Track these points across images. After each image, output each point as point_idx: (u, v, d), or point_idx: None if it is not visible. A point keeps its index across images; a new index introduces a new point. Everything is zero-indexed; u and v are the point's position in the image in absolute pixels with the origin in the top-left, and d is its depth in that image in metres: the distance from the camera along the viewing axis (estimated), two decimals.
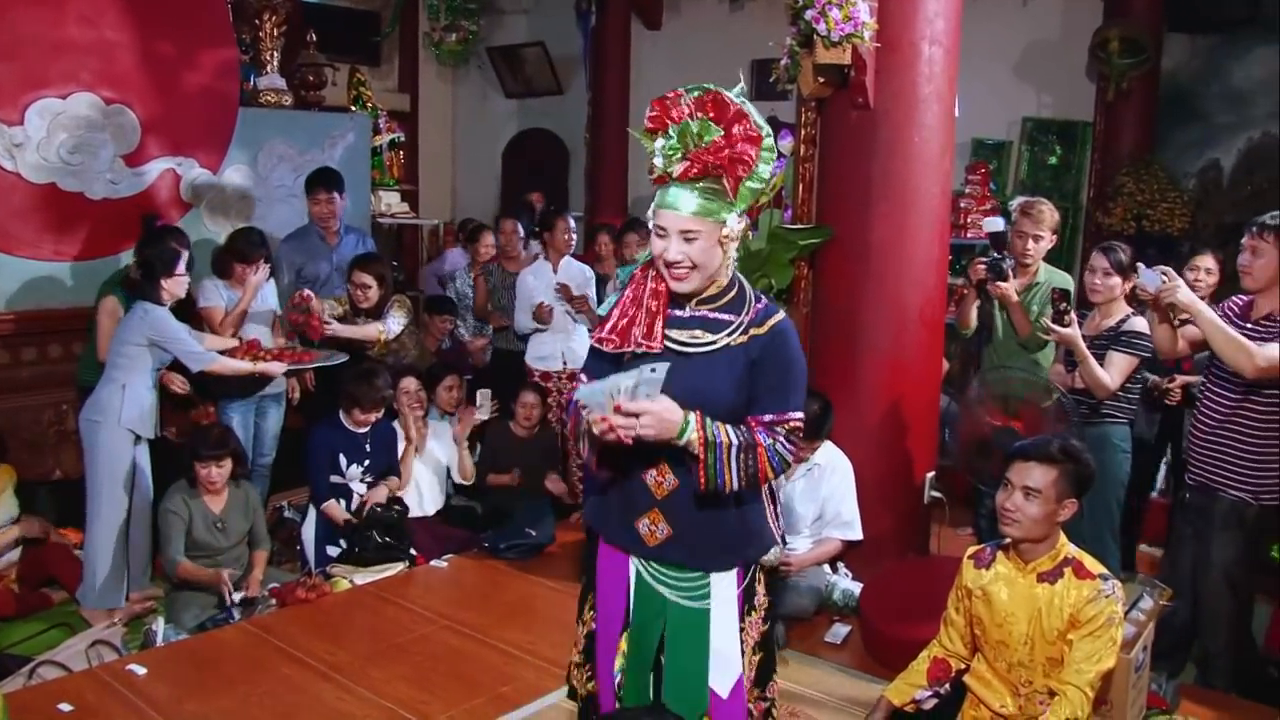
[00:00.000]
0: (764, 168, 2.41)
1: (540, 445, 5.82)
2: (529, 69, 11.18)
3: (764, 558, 2.60)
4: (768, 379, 2.47)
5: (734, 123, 2.41)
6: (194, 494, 4.67)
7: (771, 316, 2.51)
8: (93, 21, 5.74)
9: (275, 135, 6.61)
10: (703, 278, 2.47)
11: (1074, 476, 2.89)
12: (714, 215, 2.43)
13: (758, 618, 2.59)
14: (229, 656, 4.04)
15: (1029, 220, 4.57)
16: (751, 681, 2.58)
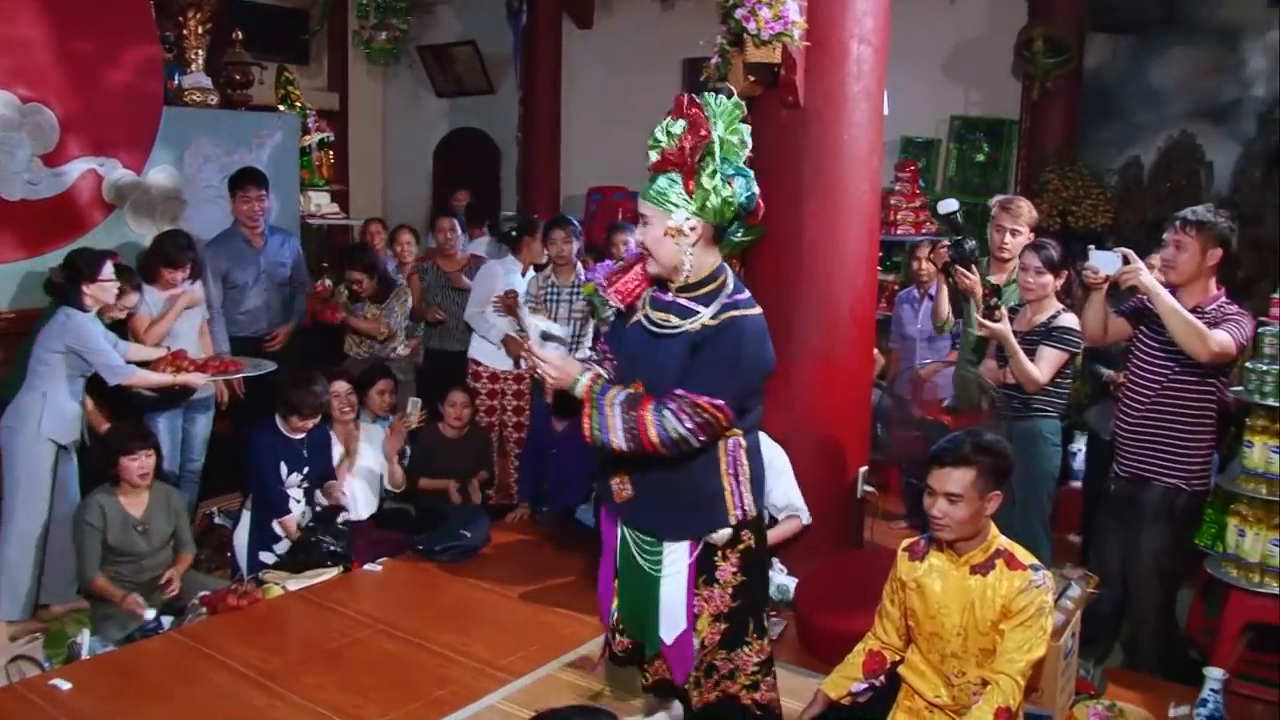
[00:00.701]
0: (704, 176, 2.63)
1: (471, 446, 5.78)
2: (460, 68, 11.11)
3: (712, 537, 2.79)
4: (698, 362, 2.68)
5: (694, 129, 2.64)
6: (113, 499, 4.56)
7: (731, 311, 2.71)
8: (7, 17, 5.59)
9: (201, 135, 6.50)
10: (660, 265, 2.73)
11: (992, 470, 2.91)
12: (662, 205, 2.68)
13: (721, 592, 2.83)
14: (158, 667, 3.96)
15: (1007, 215, 4.64)
16: (715, 644, 2.86)
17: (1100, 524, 4.14)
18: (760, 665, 2.93)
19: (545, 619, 4.38)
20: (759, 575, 2.92)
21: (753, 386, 2.79)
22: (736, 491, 2.80)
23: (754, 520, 2.87)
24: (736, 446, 2.80)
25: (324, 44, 11.18)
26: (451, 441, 5.72)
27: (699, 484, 2.77)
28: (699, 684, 2.91)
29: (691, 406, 2.61)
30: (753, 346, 2.73)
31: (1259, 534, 3.77)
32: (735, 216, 2.75)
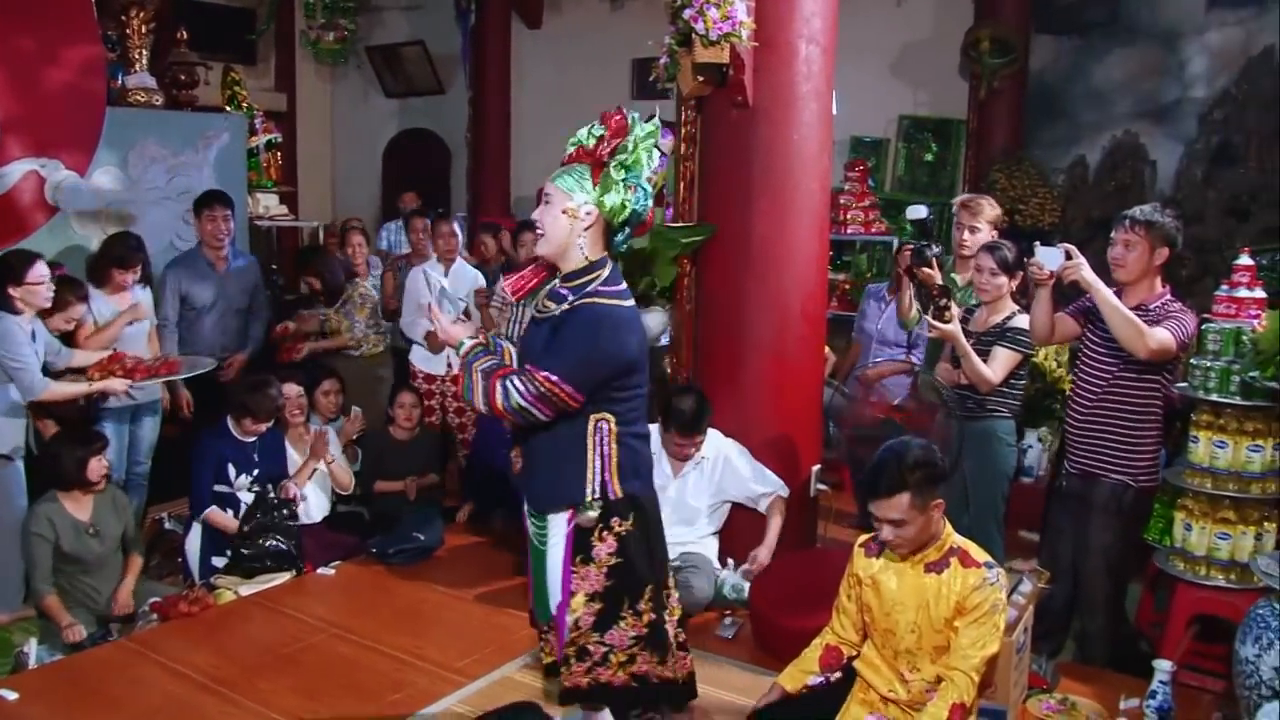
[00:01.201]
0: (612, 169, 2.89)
1: (421, 447, 5.76)
2: (409, 68, 11.06)
3: (580, 519, 2.93)
4: (549, 342, 2.91)
5: (616, 130, 2.90)
6: (59, 507, 4.48)
7: (591, 298, 2.89)
8: None
9: (146, 136, 6.41)
10: (550, 245, 2.94)
11: (926, 482, 2.94)
12: (565, 187, 2.91)
13: (593, 570, 2.94)
14: (109, 675, 3.91)
15: (967, 212, 4.68)
16: (589, 626, 2.96)
17: (1051, 520, 4.20)
18: (636, 639, 3.00)
19: (500, 620, 4.38)
20: (638, 559, 2.99)
21: (603, 371, 2.89)
22: (600, 470, 2.93)
23: (623, 503, 2.96)
24: (604, 429, 2.93)
25: (271, 44, 11.09)
26: (402, 443, 5.70)
27: (565, 457, 2.94)
28: (569, 663, 3.02)
29: (530, 379, 2.83)
30: (602, 333, 2.87)
31: (1204, 528, 3.84)
32: (627, 221, 2.95)
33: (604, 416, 2.93)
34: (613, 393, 2.93)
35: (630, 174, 2.91)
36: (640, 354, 2.98)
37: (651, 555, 3.03)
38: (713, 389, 4.56)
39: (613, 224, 2.95)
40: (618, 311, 2.92)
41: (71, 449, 4.54)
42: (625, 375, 2.94)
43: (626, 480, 2.97)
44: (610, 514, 2.95)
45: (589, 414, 2.91)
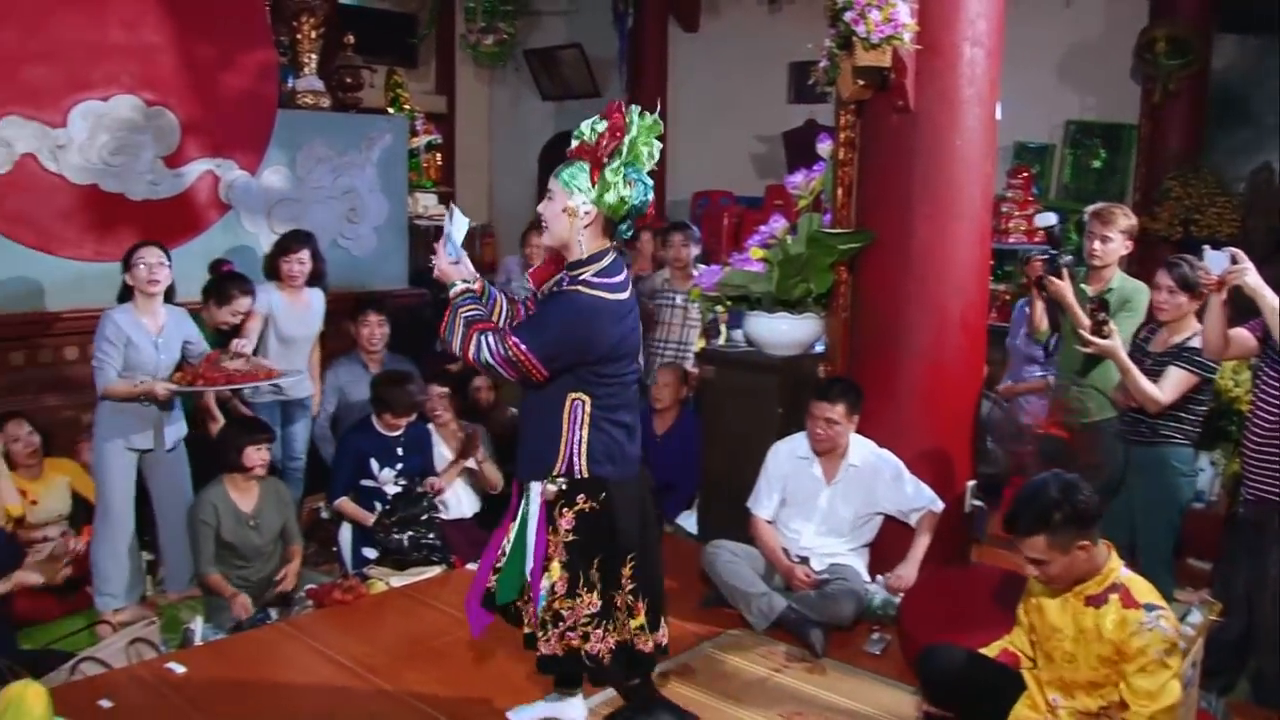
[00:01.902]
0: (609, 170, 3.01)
1: None
2: (566, 71, 11.18)
3: (545, 486, 3.10)
4: (531, 315, 3.15)
5: (612, 129, 3.04)
6: (224, 494, 4.70)
7: (575, 284, 3.05)
8: (134, 25, 5.81)
9: (314, 137, 6.65)
10: (552, 239, 3.11)
11: (1067, 524, 2.83)
12: (568, 186, 3.04)
13: (559, 540, 3.11)
14: (266, 656, 4.05)
15: (1099, 221, 4.45)
16: (563, 592, 3.13)
17: (1226, 549, 3.96)
18: (590, 618, 3.14)
19: None
20: (594, 539, 3.12)
21: (569, 351, 3.02)
22: (570, 447, 3.09)
23: (591, 485, 3.11)
24: (579, 410, 3.08)
25: (432, 48, 11.38)
26: None
27: (544, 432, 3.12)
28: (545, 629, 3.17)
29: (502, 341, 2.98)
30: (571, 315, 3.03)
31: None
32: (627, 215, 3.09)
33: (580, 397, 3.08)
34: (591, 375, 3.07)
35: (629, 169, 3.04)
36: (618, 343, 3.10)
37: (612, 537, 3.14)
38: (867, 398, 4.46)
39: (614, 219, 3.09)
40: (597, 301, 3.05)
41: (234, 436, 4.76)
42: (601, 362, 3.06)
43: (596, 462, 3.11)
44: (575, 491, 3.10)
45: (567, 393, 3.08)
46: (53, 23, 5.52)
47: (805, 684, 3.82)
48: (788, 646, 4.10)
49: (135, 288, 4.67)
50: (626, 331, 3.14)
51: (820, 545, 4.46)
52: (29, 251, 5.47)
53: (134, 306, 4.67)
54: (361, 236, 6.94)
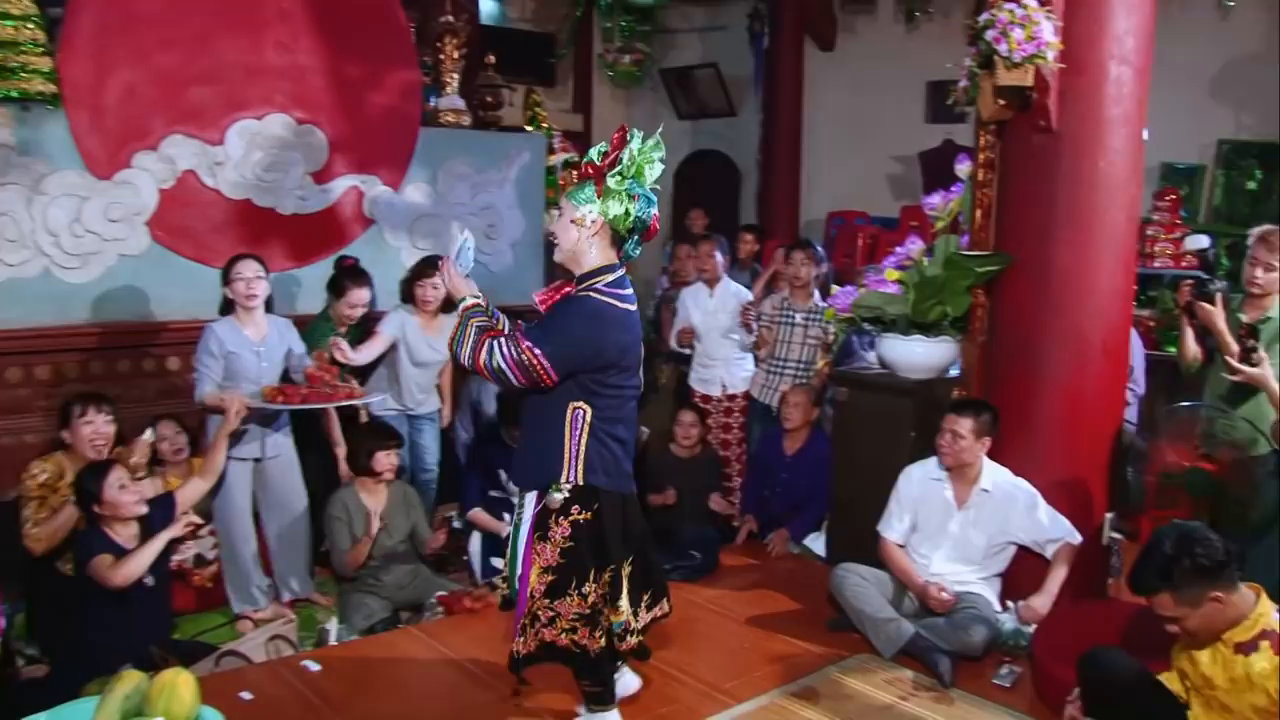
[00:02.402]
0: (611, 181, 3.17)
1: (701, 466, 5.81)
2: (701, 90, 11.23)
3: (548, 499, 3.24)
4: (540, 320, 3.28)
5: (613, 145, 3.21)
6: (354, 495, 4.87)
7: (583, 292, 3.21)
8: (288, 47, 6.04)
9: (454, 154, 6.81)
10: (563, 252, 3.28)
11: (1192, 578, 2.73)
12: (574, 199, 3.22)
13: (551, 549, 3.24)
14: (396, 658, 4.15)
15: (1263, 246, 4.26)
16: (541, 593, 3.27)
17: None
18: (579, 616, 3.28)
19: (771, 646, 4.33)
20: (588, 545, 3.26)
21: (578, 353, 3.16)
22: (573, 457, 3.23)
23: (586, 495, 3.25)
24: (580, 419, 3.22)
25: (570, 67, 11.53)
26: (683, 461, 5.77)
27: (545, 441, 3.26)
28: (524, 631, 3.32)
29: (514, 344, 3.12)
30: (582, 319, 3.18)
31: None
32: (633, 229, 3.24)
33: (581, 406, 3.22)
34: (593, 385, 3.21)
35: (633, 184, 3.19)
36: (621, 353, 3.24)
37: (604, 545, 3.27)
38: (1002, 424, 4.36)
39: (620, 232, 3.23)
40: (606, 307, 3.21)
41: (366, 441, 4.92)
42: (604, 369, 3.20)
43: (592, 473, 3.24)
44: (570, 501, 3.24)
45: (568, 402, 3.21)
46: (214, 46, 5.79)
47: (931, 713, 3.75)
48: (915, 674, 4.03)
49: (235, 301, 4.86)
50: (632, 341, 3.28)
51: (950, 572, 4.38)
52: (187, 262, 5.73)
53: (235, 318, 4.88)
54: (499, 252, 7.07)
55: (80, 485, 4.16)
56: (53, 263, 5.40)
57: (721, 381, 6.34)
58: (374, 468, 4.88)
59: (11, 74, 5.12)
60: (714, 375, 6.36)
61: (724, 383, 6.34)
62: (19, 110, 5.21)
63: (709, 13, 11.12)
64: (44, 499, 4.43)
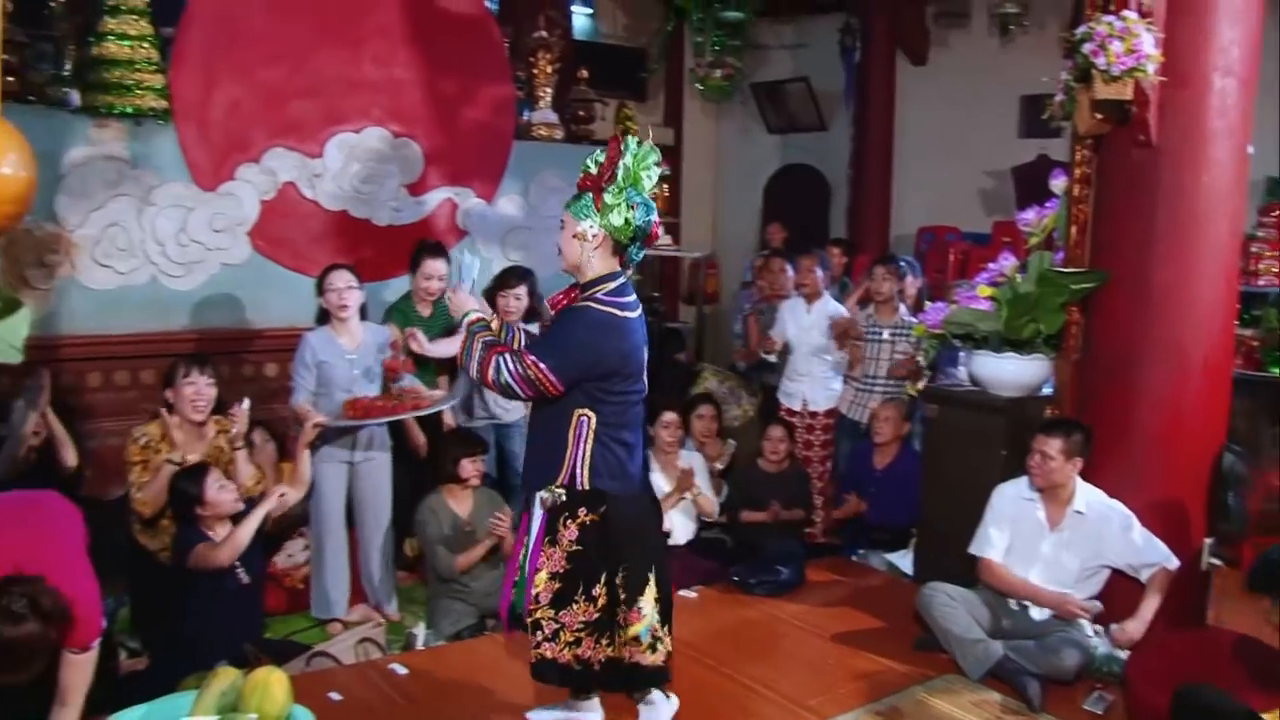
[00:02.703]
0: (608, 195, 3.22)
1: (789, 481, 5.79)
2: (792, 105, 11.21)
3: (542, 495, 3.29)
4: (543, 333, 3.50)
5: (608, 158, 3.26)
6: (442, 501, 4.93)
7: (584, 302, 3.28)
8: (385, 62, 6.18)
9: (546, 167, 6.88)
10: (567, 264, 3.35)
11: None
12: (576, 213, 3.29)
13: (559, 553, 3.29)
14: (481, 665, 4.20)
15: None
16: (546, 602, 3.30)
17: None
18: (585, 625, 3.31)
19: (855, 663, 4.30)
20: (596, 550, 3.29)
21: (580, 362, 3.23)
22: (575, 460, 3.28)
23: (593, 499, 3.29)
24: (585, 425, 3.28)
25: (661, 81, 11.59)
26: (771, 476, 5.75)
27: (550, 445, 3.33)
28: (552, 639, 3.34)
29: (519, 360, 3.20)
30: (584, 329, 3.25)
31: None
32: (634, 237, 3.28)
33: (586, 413, 3.28)
34: (598, 393, 3.27)
35: (630, 192, 3.23)
36: (624, 360, 3.29)
37: (615, 549, 3.30)
38: (1096, 444, 4.28)
39: (621, 241, 3.29)
40: (606, 316, 3.27)
41: (452, 448, 4.99)
42: (607, 377, 3.26)
43: (598, 477, 3.29)
44: (577, 504, 3.28)
45: (573, 409, 3.28)
46: (315, 62, 5.95)
47: None
48: (1003, 697, 3.97)
49: (329, 310, 4.98)
50: (634, 348, 3.33)
51: None
52: (286, 271, 5.89)
53: (330, 328, 4.99)
54: None
55: (177, 491, 4.24)
56: (159, 271, 5.60)
57: (804, 397, 6.33)
58: (459, 474, 4.95)
59: (127, 91, 5.33)
60: (798, 390, 6.35)
61: (806, 398, 6.32)
62: (132, 125, 5.42)
63: (800, 28, 11.11)
64: (146, 462, 4.50)
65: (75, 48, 5.56)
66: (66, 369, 5.37)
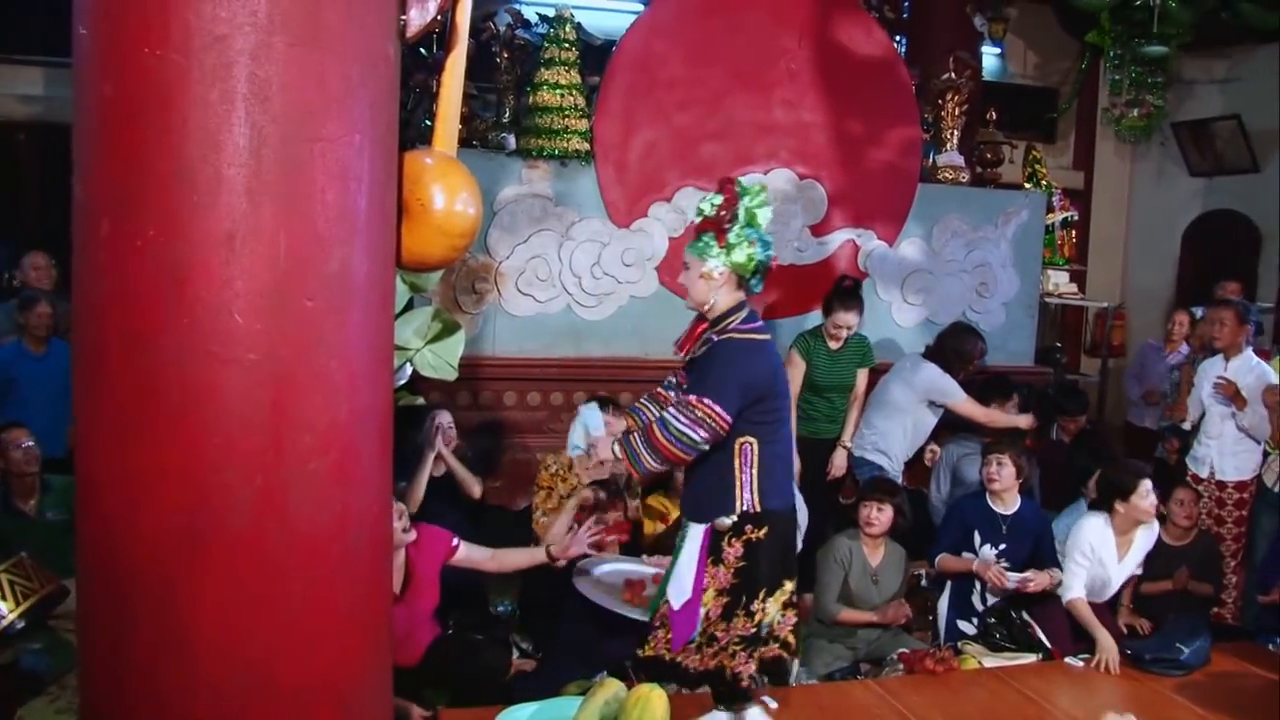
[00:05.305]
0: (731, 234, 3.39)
1: (1197, 551, 5.35)
2: (1219, 144, 10.34)
3: (717, 522, 3.41)
4: (693, 375, 3.52)
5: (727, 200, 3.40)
6: (858, 545, 4.94)
7: (724, 335, 3.43)
8: (794, 105, 6.35)
9: (950, 211, 6.79)
10: (694, 302, 3.53)
11: None
12: (701, 255, 3.45)
13: (725, 571, 3.43)
14: (852, 709, 4.15)
15: None
16: (717, 616, 3.46)
17: None
18: (740, 639, 3.47)
19: None
20: (758, 564, 3.43)
21: (741, 390, 3.33)
22: (745, 487, 3.41)
23: (758, 516, 3.42)
24: (748, 452, 3.40)
25: (1071, 122, 11.08)
26: (1174, 547, 5.32)
27: (717, 478, 3.43)
28: (700, 650, 3.50)
29: (684, 405, 3.32)
30: (734, 360, 3.37)
31: None
32: (755, 271, 3.45)
33: (748, 440, 3.41)
34: (757, 416, 3.40)
35: (749, 230, 3.39)
36: (772, 378, 3.46)
37: (779, 562, 3.48)
38: None
39: (744, 275, 3.44)
40: (747, 343, 3.42)
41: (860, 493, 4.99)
42: (762, 400, 3.39)
43: (765, 498, 3.43)
44: (745, 523, 3.41)
45: (735, 439, 3.38)
46: (727, 106, 6.22)
47: None
48: None
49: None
50: (776, 366, 3.54)
51: None
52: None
53: None
54: (990, 311, 6.95)
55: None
56: (574, 300, 6.06)
57: (1211, 464, 5.79)
58: (860, 521, 4.96)
59: (556, 135, 5.85)
60: (1205, 455, 5.81)
61: (1214, 466, 5.78)
62: (558, 166, 5.94)
63: (1233, 62, 10.22)
64: (551, 489, 4.94)
65: (514, 97, 6.14)
66: (487, 388, 5.92)
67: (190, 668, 2.07)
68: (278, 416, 2.08)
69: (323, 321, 2.12)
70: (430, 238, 2.46)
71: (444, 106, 2.63)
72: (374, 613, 2.36)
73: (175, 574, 2.06)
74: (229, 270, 2.01)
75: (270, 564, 2.10)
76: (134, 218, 2.01)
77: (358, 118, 2.14)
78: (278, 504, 2.09)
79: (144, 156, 2.00)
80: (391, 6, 2.29)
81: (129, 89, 1.99)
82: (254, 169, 2.01)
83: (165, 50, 1.96)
